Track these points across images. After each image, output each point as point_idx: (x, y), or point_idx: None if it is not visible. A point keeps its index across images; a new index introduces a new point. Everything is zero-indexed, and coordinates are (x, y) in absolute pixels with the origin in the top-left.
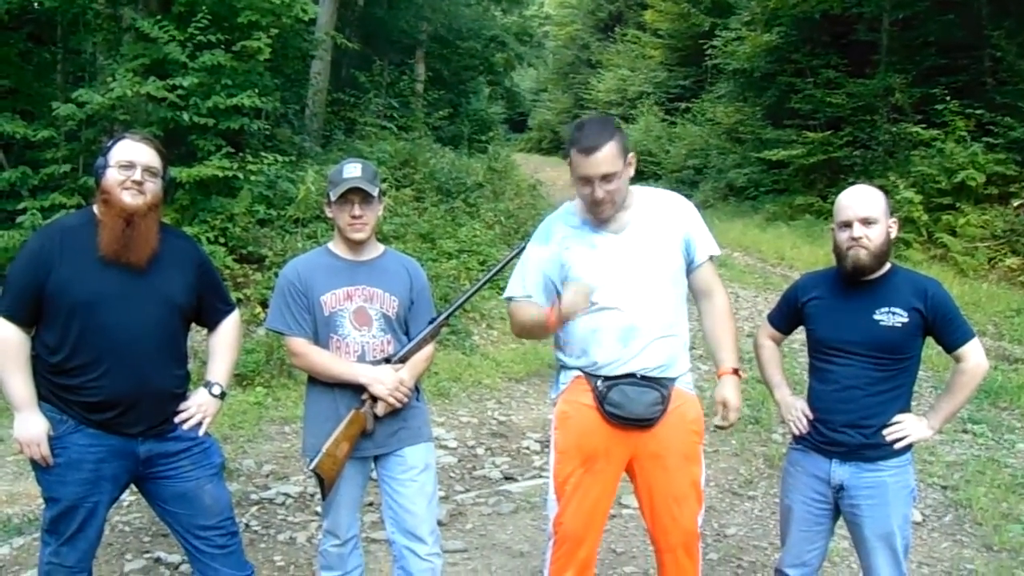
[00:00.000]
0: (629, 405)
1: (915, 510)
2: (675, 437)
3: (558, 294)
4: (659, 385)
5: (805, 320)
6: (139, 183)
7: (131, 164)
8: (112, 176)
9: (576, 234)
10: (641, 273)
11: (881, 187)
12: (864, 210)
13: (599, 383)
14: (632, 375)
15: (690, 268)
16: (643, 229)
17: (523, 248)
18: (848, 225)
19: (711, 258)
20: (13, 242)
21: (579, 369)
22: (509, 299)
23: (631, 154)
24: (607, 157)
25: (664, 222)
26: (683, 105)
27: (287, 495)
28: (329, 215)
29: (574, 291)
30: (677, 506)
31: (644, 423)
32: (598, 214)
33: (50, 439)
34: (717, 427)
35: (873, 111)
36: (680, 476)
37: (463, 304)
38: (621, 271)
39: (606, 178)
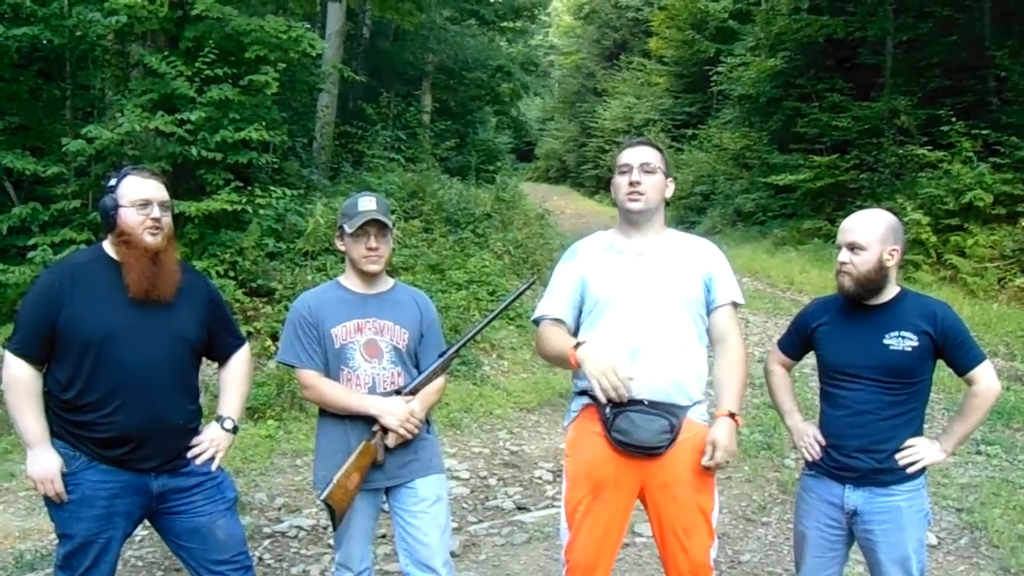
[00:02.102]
0: (636, 432)
1: (930, 533)
2: (685, 467)
3: (576, 327)
4: (668, 414)
5: (815, 345)
6: (158, 220)
7: (148, 202)
8: (131, 217)
9: (600, 254)
10: (653, 296)
11: (888, 208)
12: (853, 236)
13: (607, 410)
14: (640, 402)
15: (708, 308)
16: (665, 256)
17: (532, 282)
18: (839, 249)
19: (732, 304)
20: (24, 278)
21: (589, 395)
22: (537, 320)
23: (672, 179)
24: (650, 152)
25: (688, 257)
26: (689, 131)
27: (300, 528)
28: (341, 248)
29: (612, 374)
30: (687, 537)
31: (651, 451)
32: (632, 202)
33: (63, 475)
34: (704, 467)
35: (879, 134)
36: (689, 507)
37: (474, 337)
38: (634, 291)
39: (645, 167)
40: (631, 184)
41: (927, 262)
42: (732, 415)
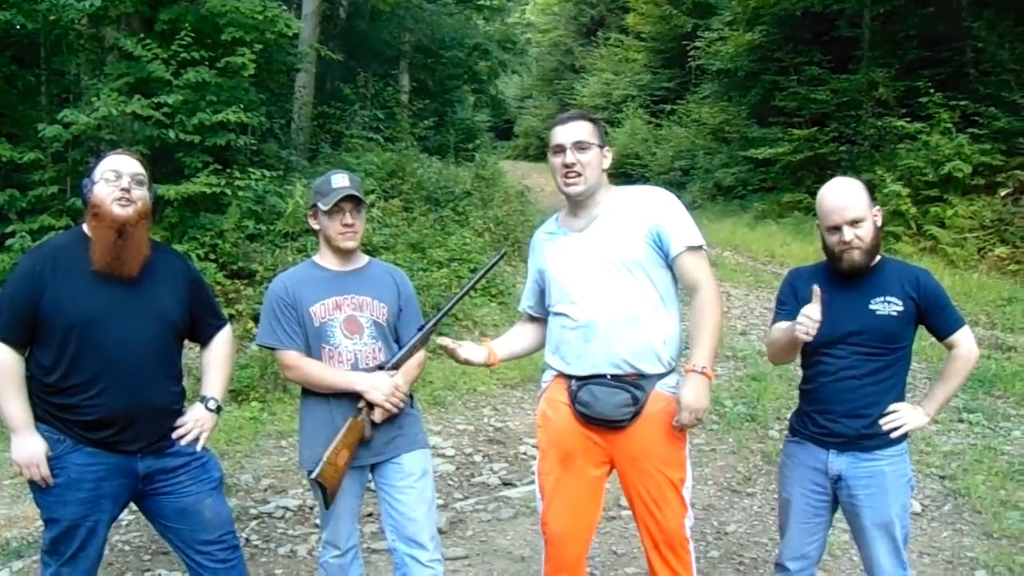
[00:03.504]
0: (597, 405)
1: (914, 500)
2: (654, 440)
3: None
4: (632, 387)
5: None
6: (127, 190)
7: (118, 173)
8: (100, 189)
9: (550, 239)
10: (598, 270)
11: (867, 181)
12: (850, 212)
13: (572, 383)
14: (603, 376)
15: (668, 261)
16: (606, 225)
17: (504, 254)
18: (837, 229)
19: (690, 249)
20: (3, 265)
21: (555, 368)
22: (522, 311)
23: (608, 148)
24: (580, 127)
25: (630, 216)
26: (668, 107)
27: (286, 508)
28: (315, 227)
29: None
30: (658, 508)
31: (614, 424)
32: (569, 186)
33: (48, 459)
34: (675, 430)
35: (857, 106)
36: (659, 479)
37: (452, 309)
38: (580, 269)
39: (579, 146)
40: (566, 167)
41: (907, 233)
42: (703, 371)
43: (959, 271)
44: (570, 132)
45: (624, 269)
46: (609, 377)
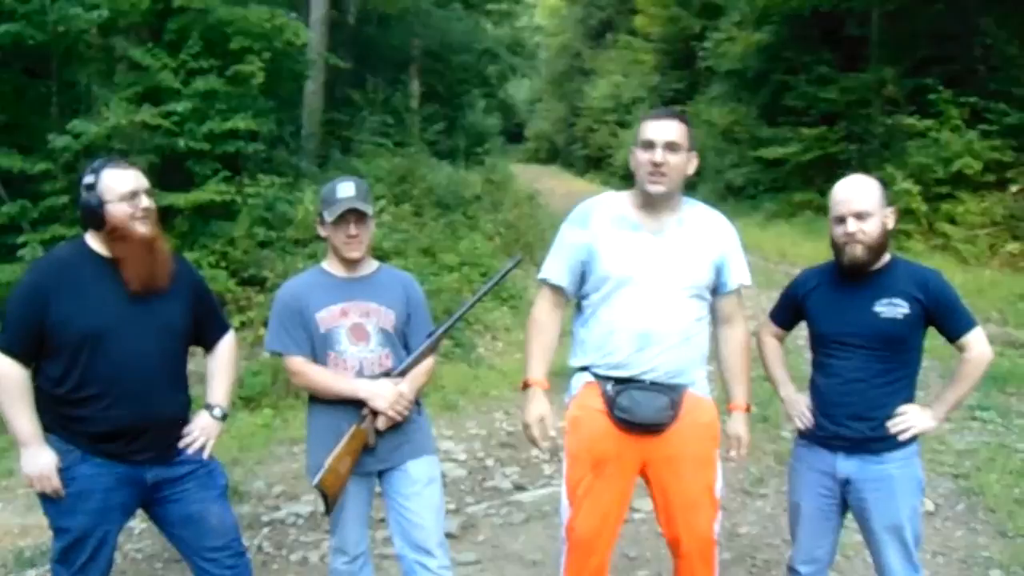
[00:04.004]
0: (638, 410)
1: (927, 500)
2: (689, 442)
3: (577, 295)
4: (670, 390)
5: (806, 315)
6: (147, 210)
7: (135, 193)
8: (120, 211)
9: (614, 224)
10: (670, 283)
11: (879, 178)
12: (857, 204)
13: (609, 387)
14: (641, 380)
15: (717, 291)
16: (681, 238)
17: (518, 261)
18: (842, 220)
19: (739, 288)
20: (15, 276)
21: (591, 370)
22: (543, 280)
23: (695, 153)
24: (675, 127)
25: (704, 238)
26: (678, 108)
27: (298, 515)
28: (323, 234)
29: (536, 427)
30: (692, 512)
31: (654, 428)
32: (653, 184)
33: (59, 470)
34: (727, 460)
35: (867, 104)
36: (694, 482)
37: (462, 316)
38: (652, 276)
39: (670, 147)
40: (654, 164)
41: (918, 231)
42: (747, 407)
43: (971, 268)
44: (664, 130)
45: (692, 289)
46: (648, 382)
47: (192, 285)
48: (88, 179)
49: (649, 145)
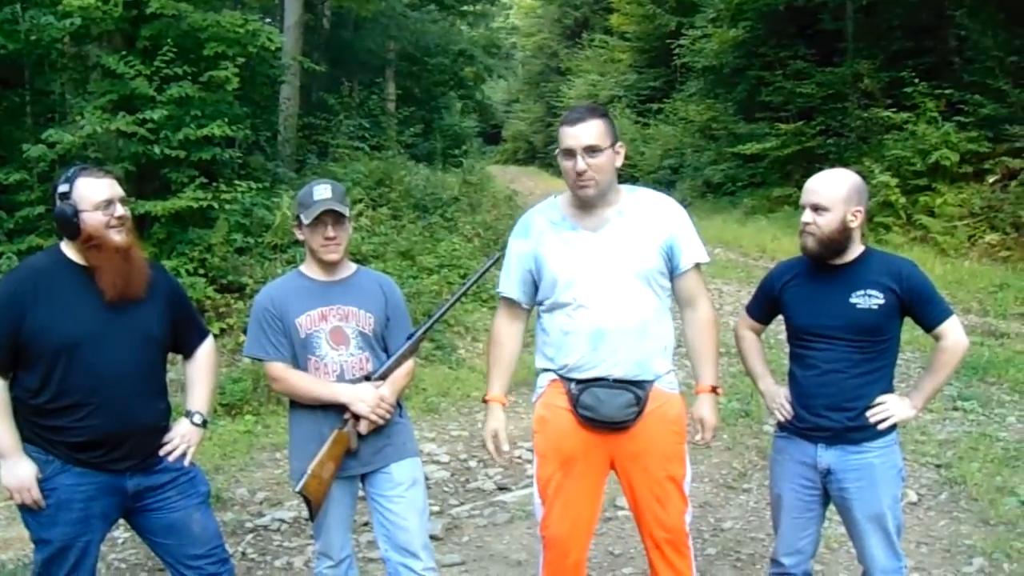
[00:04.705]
0: (601, 408)
1: (910, 490)
2: (655, 437)
3: (533, 302)
4: (634, 387)
5: (782, 308)
6: (122, 217)
7: (109, 201)
8: (95, 219)
9: (553, 229)
10: (613, 274)
11: (861, 175)
12: (816, 197)
13: (572, 386)
14: (604, 379)
15: (673, 274)
16: (622, 229)
17: (496, 259)
18: (803, 210)
19: (697, 266)
20: None
21: (553, 372)
22: (498, 294)
23: (620, 144)
24: (592, 129)
25: (647, 224)
26: (655, 106)
27: (282, 521)
28: (300, 237)
29: (491, 440)
30: (660, 505)
31: (618, 425)
32: (581, 190)
33: (38, 481)
34: (693, 444)
35: (843, 98)
36: (660, 475)
37: (440, 318)
38: (592, 271)
39: (590, 150)
40: (578, 174)
41: (897, 223)
42: (714, 388)
43: (950, 259)
44: (580, 135)
45: (640, 279)
46: (611, 380)
47: (169, 292)
48: (62, 188)
49: (569, 153)
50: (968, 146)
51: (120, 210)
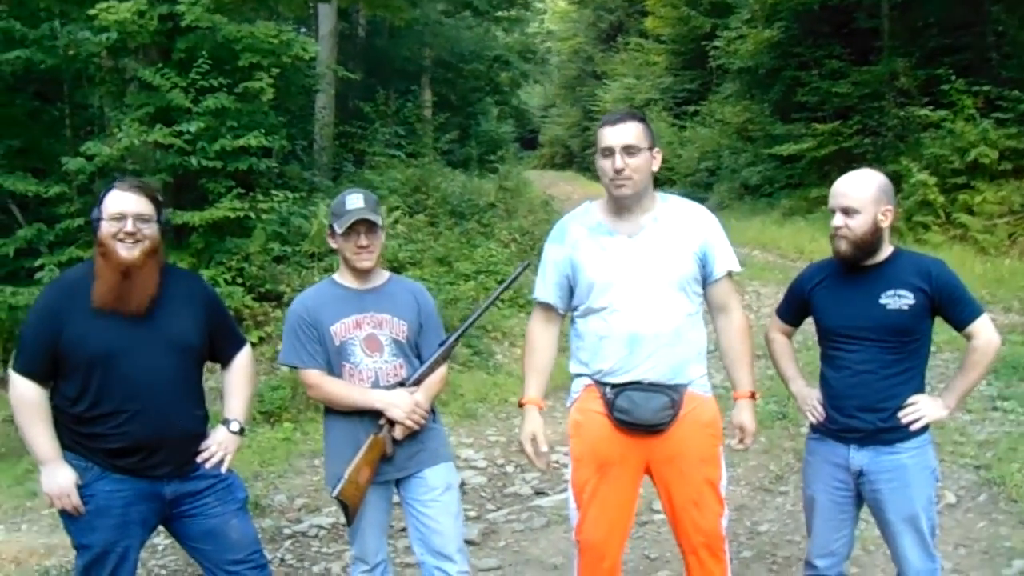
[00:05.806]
0: (636, 411)
1: (949, 492)
2: (690, 440)
3: (568, 307)
4: (669, 389)
5: (812, 310)
6: (132, 234)
7: (122, 215)
8: (106, 229)
9: (589, 234)
10: (649, 279)
11: (893, 172)
12: (846, 199)
13: (607, 390)
14: (639, 382)
15: (706, 281)
16: (658, 235)
17: (527, 266)
18: (834, 213)
19: (729, 274)
20: (33, 299)
21: (588, 376)
22: (534, 299)
23: (657, 149)
24: (631, 130)
25: (682, 231)
26: (691, 108)
27: (320, 527)
28: (333, 246)
29: (529, 444)
30: (696, 509)
31: (654, 428)
32: (618, 189)
33: (78, 487)
34: (734, 450)
35: (880, 97)
36: (697, 479)
37: (473, 324)
38: (629, 276)
39: (628, 150)
40: (616, 171)
41: (936, 222)
42: (752, 394)
43: (990, 258)
44: (620, 135)
45: (675, 285)
46: (646, 383)
47: (206, 302)
48: (102, 195)
49: (608, 152)
50: (1007, 143)
51: (129, 226)
